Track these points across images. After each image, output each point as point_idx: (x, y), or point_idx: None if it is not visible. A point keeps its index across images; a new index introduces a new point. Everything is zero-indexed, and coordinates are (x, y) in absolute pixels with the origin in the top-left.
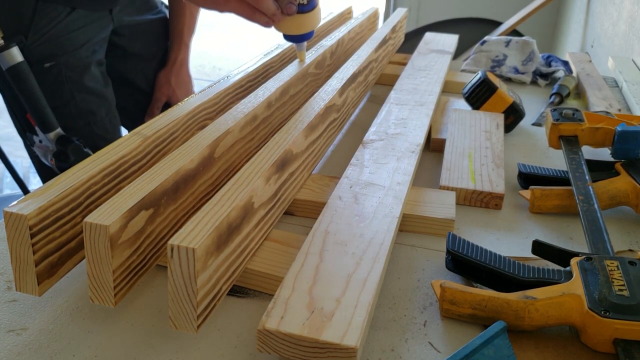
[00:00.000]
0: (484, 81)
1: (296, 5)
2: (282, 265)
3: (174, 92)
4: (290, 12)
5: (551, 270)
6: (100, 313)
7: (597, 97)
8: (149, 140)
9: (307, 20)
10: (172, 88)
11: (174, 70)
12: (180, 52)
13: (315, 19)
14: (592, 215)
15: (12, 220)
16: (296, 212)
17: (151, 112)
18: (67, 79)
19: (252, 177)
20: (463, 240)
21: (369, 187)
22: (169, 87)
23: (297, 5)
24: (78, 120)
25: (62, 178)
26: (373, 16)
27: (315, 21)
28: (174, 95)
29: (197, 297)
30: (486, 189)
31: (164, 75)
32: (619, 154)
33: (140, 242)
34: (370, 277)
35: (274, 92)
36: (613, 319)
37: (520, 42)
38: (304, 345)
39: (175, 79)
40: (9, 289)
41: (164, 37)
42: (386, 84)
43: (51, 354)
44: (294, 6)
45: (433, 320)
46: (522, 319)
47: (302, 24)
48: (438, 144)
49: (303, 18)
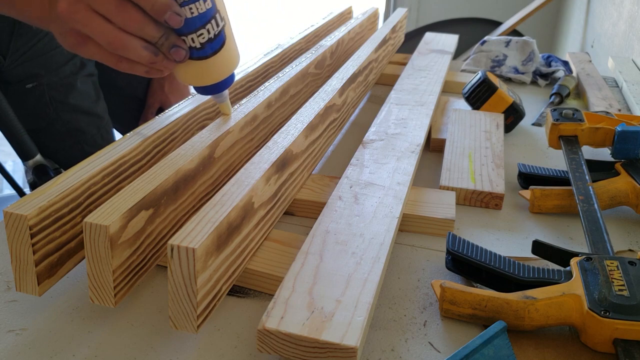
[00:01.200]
0: (484, 81)
1: (186, 49)
2: (282, 265)
3: (167, 98)
4: (178, 58)
5: (551, 270)
6: (100, 313)
7: (597, 97)
8: (149, 140)
9: (210, 68)
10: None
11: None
12: None
13: (222, 66)
14: (592, 215)
15: (12, 220)
16: (296, 212)
17: (145, 117)
18: (51, 100)
19: (252, 177)
20: (463, 240)
21: (369, 187)
22: (162, 93)
23: (189, 50)
24: (67, 140)
25: (62, 178)
26: (373, 16)
27: (225, 67)
28: (167, 102)
29: (197, 297)
30: (486, 189)
31: (157, 81)
32: (619, 154)
33: (140, 242)
34: (370, 277)
35: (274, 92)
36: (613, 319)
37: (520, 42)
38: (304, 345)
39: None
40: (9, 289)
41: None
42: (386, 84)
43: (51, 354)
44: (182, 51)
45: (433, 320)
46: (522, 319)
47: (204, 73)
48: (438, 144)
49: (204, 66)
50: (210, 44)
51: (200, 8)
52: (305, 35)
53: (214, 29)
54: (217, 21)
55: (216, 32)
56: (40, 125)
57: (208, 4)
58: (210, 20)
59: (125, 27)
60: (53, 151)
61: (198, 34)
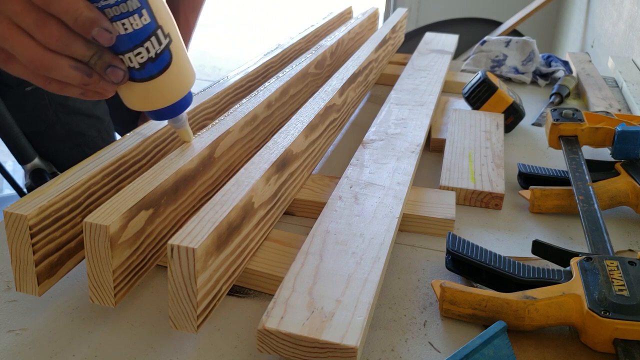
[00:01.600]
0: (484, 81)
1: (124, 70)
2: (282, 265)
3: None
4: (115, 79)
5: (551, 270)
6: (100, 313)
7: (597, 97)
8: (149, 140)
9: (156, 90)
10: None
11: None
12: None
13: (171, 88)
14: (592, 215)
15: (12, 220)
16: (296, 212)
17: (144, 117)
18: (50, 102)
19: (252, 177)
20: (463, 240)
21: (369, 187)
22: None
23: (128, 71)
24: (67, 143)
25: (62, 178)
26: (373, 16)
27: (174, 90)
28: None
29: (197, 297)
30: (486, 189)
31: None
32: (619, 154)
33: (140, 242)
34: (370, 277)
35: (274, 92)
36: (613, 319)
37: (520, 42)
38: (304, 345)
39: None
40: (9, 289)
41: None
42: (386, 84)
43: (51, 354)
44: (119, 71)
45: (433, 320)
46: (522, 319)
47: (149, 96)
48: (438, 144)
49: (148, 88)
50: (152, 64)
51: (135, 24)
52: (305, 35)
53: (155, 48)
54: (159, 38)
55: (158, 50)
56: (40, 128)
57: (145, 19)
58: (148, 38)
59: (48, 44)
60: (53, 154)
61: (135, 53)
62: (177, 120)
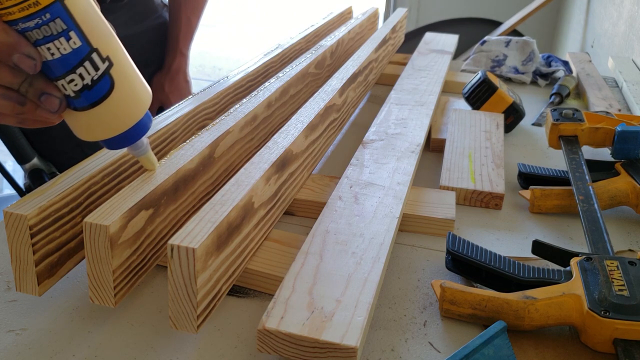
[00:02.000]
0: (484, 81)
1: (59, 97)
2: (282, 265)
3: (168, 98)
4: (51, 107)
5: (551, 270)
6: (100, 313)
7: (597, 97)
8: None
9: (101, 119)
10: (166, 94)
11: (168, 77)
12: (175, 60)
13: (118, 116)
14: (592, 215)
15: (12, 220)
16: (296, 212)
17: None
18: None
19: (252, 177)
20: (463, 240)
21: (369, 187)
22: (162, 92)
23: (64, 99)
24: (67, 143)
25: (62, 178)
26: (373, 16)
27: (123, 117)
28: (167, 101)
29: (197, 297)
30: (486, 189)
31: (158, 80)
32: (619, 154)
33: (140, 242)
34: (370, 277)
35: (274, 92)
36: (613, 319)
37: (520, 42)
38: (304, 345)
39: (169, 85)
40: (9, 289)
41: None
42: (386, 84)
43: (51, 354)
44: (54, 99)
45: (433, 320)
46: (522, 319)
47: (95, 125)
48: (438, 144)
49: (91, 117)
50: (88, 92)
51: (63, 48)
52: (305, 35)
53: (90, 74)
54: (95, 63)
55: (94, 77)
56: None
57: (74, 43)
58: (81, 64)
59: None
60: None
61: (68, 80)
62: (135, 147)
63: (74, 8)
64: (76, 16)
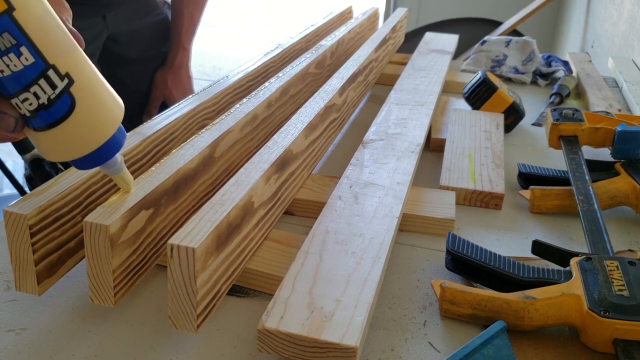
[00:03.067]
0: (484, 81)
1: (15, 117)
2: (282, 265)
3: (171, 93)
4: (7, 127)
5: (551, 270)
6: (100, 313)
7: (597, 97)
8: (149, 140)
9: (64, 139)
10: (169, 88)
11: (171, 72)
12: (178, 54)
13: (83, 136)
14: (592, 215)
15: (12, 219)
16: (296, 211)
17: (149, 111)
18: None
19: (252, 177)
20: (463, 240)
21: (369, 187)
22: (165, 87)
23: (20, 118)
24: None
25: (62, 177)
26: (373, 16)
27: (88, 137)
28: (170, 96)
29: (197, 296)
30: (486, 189)
31: (160, 75)
32: (619, 154)
33: (140, 241)
34: (370, 277)
35: (274, 92)
36: (613, 319)
37: (520, 42)
38: (303, 345)
39: (172, 80)
40: (8, 288)
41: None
42: (386, 84)
43: (51, 354)
44: (10, 118)
45: (433, 320)
46: (522, 319)
47: (58, 146)
48: (438, 144)
49: (53, 136)
50: (44, 112)
51: (14, 65)
52: (305, 35)
53: (47, 93)
54: (51, 81)
55: (51, 95)
56: None
57: (26, 59)
58: (35, 81)
59: None
60: None
61: (21, 99)
62: (107, 167)
63: (26, 21)
64: (28, 30)
